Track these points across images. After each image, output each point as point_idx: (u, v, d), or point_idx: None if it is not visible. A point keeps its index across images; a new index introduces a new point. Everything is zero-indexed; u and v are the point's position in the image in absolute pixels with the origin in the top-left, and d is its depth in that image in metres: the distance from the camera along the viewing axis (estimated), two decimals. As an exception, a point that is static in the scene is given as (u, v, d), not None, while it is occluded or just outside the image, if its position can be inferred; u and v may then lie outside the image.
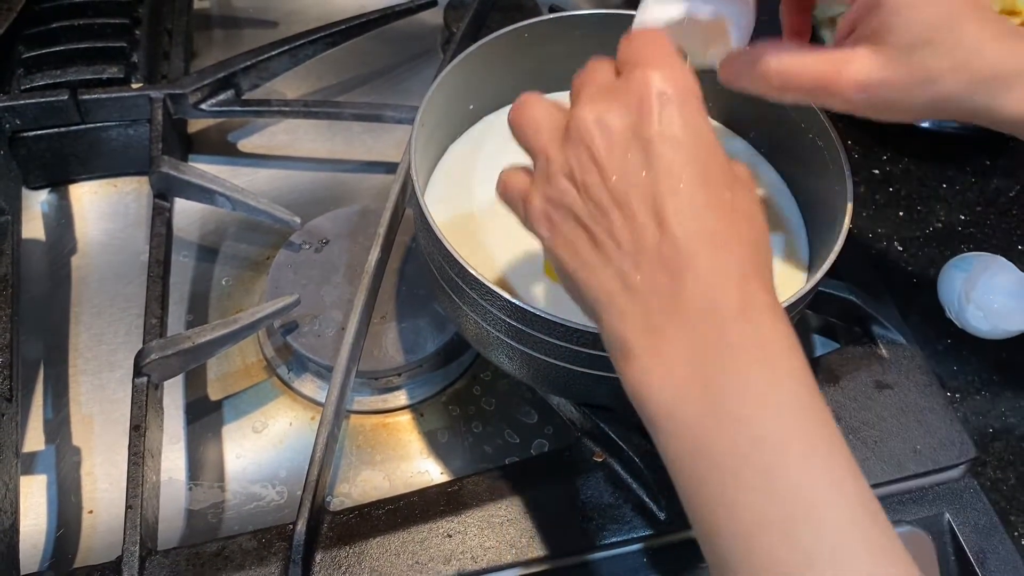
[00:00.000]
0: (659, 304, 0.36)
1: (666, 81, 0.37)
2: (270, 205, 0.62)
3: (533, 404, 0.59)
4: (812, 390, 0.35)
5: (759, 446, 0.33)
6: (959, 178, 0.71)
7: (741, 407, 0.34)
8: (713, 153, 0.37)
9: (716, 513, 0.34)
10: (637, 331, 0.36)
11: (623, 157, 0.37)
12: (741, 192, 0.37)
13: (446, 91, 0.54)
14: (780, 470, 0.33)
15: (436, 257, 0.49)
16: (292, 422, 0.58)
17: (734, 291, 0.35)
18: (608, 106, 0.38)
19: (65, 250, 0.67)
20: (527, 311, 0.44)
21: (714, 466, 0.34)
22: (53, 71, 0.67)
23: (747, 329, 0.35)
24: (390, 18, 0.75)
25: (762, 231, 0.38)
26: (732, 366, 0.34)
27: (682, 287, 0.35)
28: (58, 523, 0.54)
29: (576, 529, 0.50)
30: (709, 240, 0.36)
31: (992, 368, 0.60)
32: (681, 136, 0.36)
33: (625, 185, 0.37)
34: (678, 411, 0.35)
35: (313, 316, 0.59)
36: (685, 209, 0.36)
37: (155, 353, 0.53)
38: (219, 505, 0.55)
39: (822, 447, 0.34)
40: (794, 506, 0.32)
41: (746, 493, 0.33)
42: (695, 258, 0.35)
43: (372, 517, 0.51)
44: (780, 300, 0.46)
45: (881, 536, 0.32)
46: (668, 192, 0.36)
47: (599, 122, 0.37)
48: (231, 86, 0.70)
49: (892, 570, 0.32)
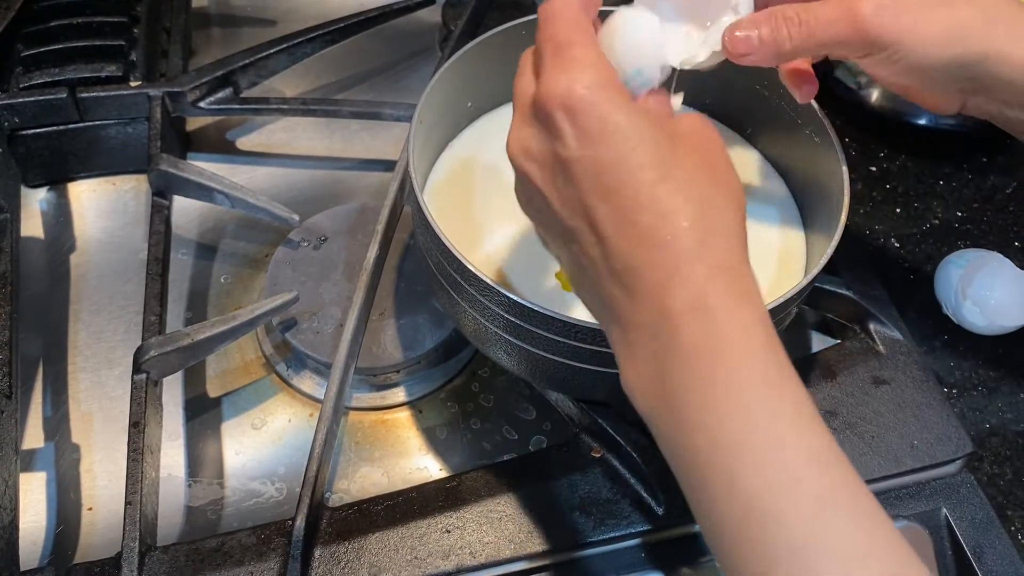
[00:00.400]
0: (625, 316, 0.35)
1: (567, 90, 0.35)
2: (269, 203, 0.62)
3: (531, 400, 0.59)
4: (771, 378, 0.34)
5: (716, 451, 0.33)
6: (956, 175, 0.71)
7: (696, 413, 0.33)
8: (636, 141, 0.35)
9: (696, 511, 0.34)
10: (619, 343, 0.37)
11: (553, 182, 0.37)
12: (680, 162, 0.35)
13: (444, 88, 0.54)
14: (737, 473, 0.32)
15: (434, 253, 0.49)
16: (291, 419, 0.59)
17: (680, 288, 0.34)
18: (527, 132, 0.37)
19: (64, 248, 0.67)
20: (525, 307, 0.45)
21: (686, 468, 0.34)
22: (52, 69, 0.67)
23: (697, 326, 0.34)
24: (388, 16, 0.75)
25: (712, 194, 0.36)
26: (686, 370, 0.34)
27: (634, 297, 0.35)
28: (57, 519, 0.54)
29: (574, 524, 0.50)
30: (644, 242, 0.34)
31: (989, 364, 0.61)
32: (595, 147, 0.35)
33: (566, 209, 0.36)
34: (651, 419, 0.35)
35: (312, 313, 0.59)
36: (616, 217, 0.35)
37: (154, 350, 0.53)
38: (218, 501, 0.55)
39: (779, 444, 0.32)
40: (752, 508, 0.32)
41: (711, 496, 0.33)
42: (638, 265, 0.34)
43: (371, 513, 0.51)
44: (779, 295, 0.46)
45: (849, 531, 0.31)
46: (596, 205, 0.35)
47: (524, 153, 0.37)
48: (229, 84, 0.70)
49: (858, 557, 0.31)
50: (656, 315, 0.34)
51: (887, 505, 0.52)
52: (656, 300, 0.34)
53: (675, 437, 0.34)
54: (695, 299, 0.34)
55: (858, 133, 0.74)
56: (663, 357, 0.34)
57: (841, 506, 0.32)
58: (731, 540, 0.32)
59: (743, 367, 0.33)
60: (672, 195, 0.35)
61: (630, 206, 0.35)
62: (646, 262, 0.34)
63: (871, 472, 0.53)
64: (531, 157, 0.37)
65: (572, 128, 0.35)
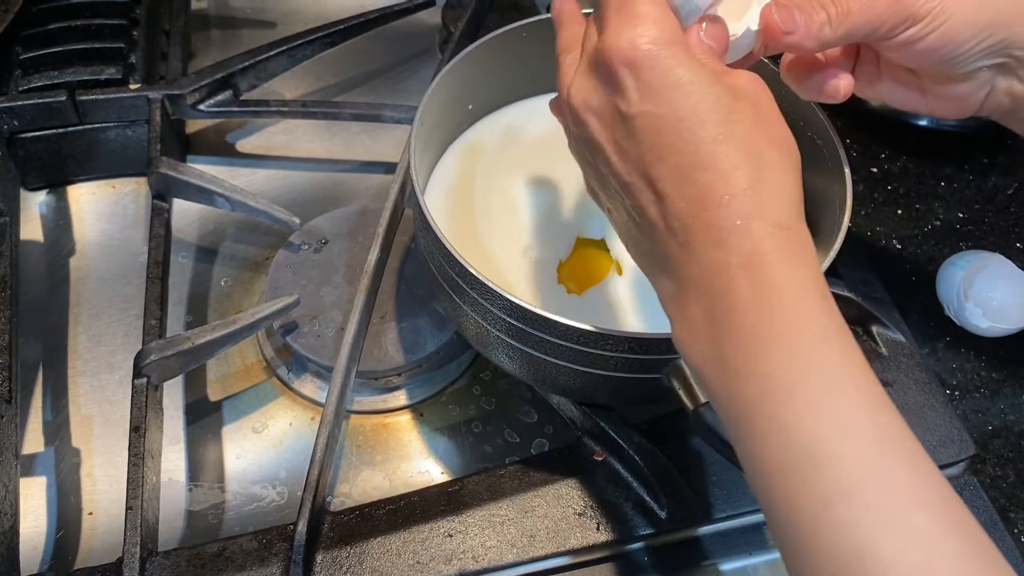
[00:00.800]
0: (680, 274, 0.36)
1: (631, 45, 0.36)
2: (269, 205, 0.62)
3: (533, 403, 0.59)
4: (826, 330, 0.34)
5: (768, 398, 0.33)
6: (957, 176, 0.71)
7: (749, 363, 0.34)
8: (698, 97, 0.35)
9: (747, 463, 0.34)
10: (671, 301, 0.37)
11: (613, 137, 0.37)
12: (740, 117, 0.36)
13: (445, 91, 0.54)
14: (789, 418, 0.32)
15: (436, 256, 0.49)
16: (292, 422, 0.58)
17: (736, 243, 0.34)
18: (588, 85, 0.37)
19: (64, 251, 0.66)
20: (527, 310, 0.44)
21: (738, 419, 0.34)
22: (51, 72, 0.67)
23: (752, 282, 0.34)
24: (388, 18, 0.75)
25: (770, 151, 0.36)
26: (740, 323, 0.34)
27: (691, 254, 0.35)
28: (58, 525, 0.54)
29: (577, 528, 0.50)
30: (702, 200, 0.35)
31: (991, 365, 0.61)
32: (657, 102, 0.35)
33: (623, 164, 0.37)
34: (704, 372, 0.36)
35: (312, 316, 0.59)
36: (676, 175, 0.35)
37: (154, 354, 0.53)
38: (219, 506, 0.55)
39: (832, 389, 0.33)
40: (805, 452, 0.32)
41: (763, 443, 0.33)
42: (695, 222, 0.35)
43: (373, 517, 0.51)
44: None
45: (900, 473, 0.32)
46: (655, 163, 0.36)
47: (585, 105, 0.38)
48: (229, 86, 0.70)
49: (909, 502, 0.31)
50: (712, 271, 0.35)
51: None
52: (712, 256, 0.35)
53: (727, 388, 0.34)
54: (751, 255, 0.34)
55: (859, 134, 0.74)
56: (717, 311, 0.35)
57: (894, 450, 0.32)
58: (785, 486, 0.32)
59: (799, 320, 0.34)
60: (731, 154, 0.35)
61: (689, 164, 0.35)
62: (704, 220, 0.35)
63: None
64: (592, 109, 0.37)
65: (634, 83, 0.36)
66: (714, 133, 0.35)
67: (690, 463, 0.52)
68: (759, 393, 0.33)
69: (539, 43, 0.58)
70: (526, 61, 0.58)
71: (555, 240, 0.55)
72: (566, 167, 0.58)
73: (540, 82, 0.61)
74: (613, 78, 0.36)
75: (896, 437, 0.33)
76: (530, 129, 0.60)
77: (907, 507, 0.31)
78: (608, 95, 0.37)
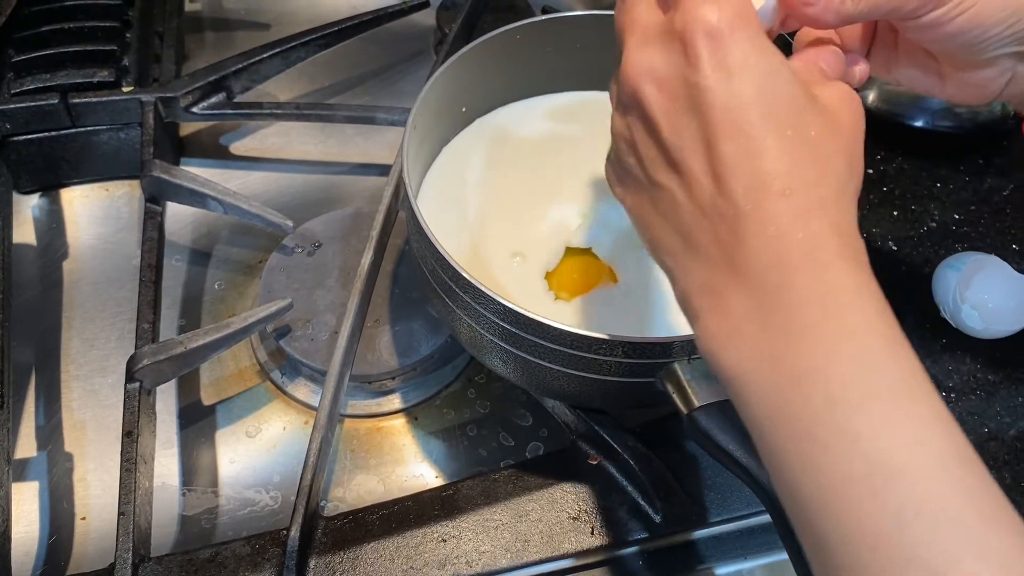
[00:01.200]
0: (721, 262, 0.34)
1: (713, 15, 0.34)
2: (262, 208, 0.62)
3: (528, 407, 0.59)
4: (889, 338, 0.32)
5: (833, 404, 0.31)
6: (953, 177, 0.71)
7: (811, 365, 0.32)
8: (774, 86, 0.34)
9: (798, 477, 0.32)
10: (701, 292, 0.35)
11: (673, 108, 0.35)
12: (813, 121, 0.34)
13: (438, 93, 0.54)
14: (858, 427, 0.30)
15: (429, 260, 0.48)
16: (286, 426, 0.58)
17: (797, 240, 0.33)
18: (653, 54, 0.35)
19: (56, 255, 0.66)
20: (520, 314, 0.44)
21: (790, 428, 0.32)
22: (43, 75, 0.66)
23: (812, 280, 0.32)
24: (382, 19, 0.75)
25: (836, 160, 0.34)
26: (799, 322, 0.32)
27: (741, 242, 0.33)
28: (51, 530, 0.54)
29: (571, 532, 0.50)
30: (766, 187, 0.33)
31: (987, 368, 0.60)
32: (733, 77, 0.33)
33: (677, 139, 0.35)
34: (747, 373, 0.33)
35: (306, 320, 0.59)
36: (738, 157, 0.33)
37: (147, 358, 0.53)
38: (213, 511, 0.55)
39: (903, 398, 0.31)
40: (876, 464, 0.30)
41: (824, 454, 0.31)
42: (753, 210, 0.33)
43: (366, 522, 0.50)
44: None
45: (976, 486, 0.30)
46: (720, 141, 0.33)
47: (647, 73, 0.35)
48: (223, 89, 0.70)
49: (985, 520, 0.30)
50: (767, 263, 0.33)
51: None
52: (768, 249, 0.33)
53: (780, 391, 0.32)
54: (810, 253, 0.33)
55: (855, 135, 0.73)
56: (770, 307, 0.33)
57: (968, 465, 0.31)
58: (850, 500, 0.30)
59: (867, 324, 0.32)
60: (800, 148, 0.34)
61: (756, 150, 0.33)
62: (763, 209, 0.33)
63: (869, 478, 0.52)
64: (655, 78, 0.35)
65: (713, 57, 0.34)
66: (786, 123, 0.34)
67: (685, 467, 0.52)
68: (824, 398, 0.31)
69: (533, 45, 0.58)
70: (520, 63, 0.58)
71: (550, 245, 0.55)
72: (561, 168, 0.58)
73: (534, 84, 0.61)
74: (689, 48, 0.34)
75: (968, 452, 0.31)
76: (525, 131, 0.60)
77: (985, 527, 0.29)
78: (679, 65, 0.34)
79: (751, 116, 0.33)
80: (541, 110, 0.61)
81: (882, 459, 0.30)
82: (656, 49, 0.35)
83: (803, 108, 0.34)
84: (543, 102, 0.62)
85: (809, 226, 0.33)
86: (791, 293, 0.32)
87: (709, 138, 0.34)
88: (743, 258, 0.33)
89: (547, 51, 0.58)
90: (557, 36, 0.58)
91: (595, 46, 0.58)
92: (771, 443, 0.33)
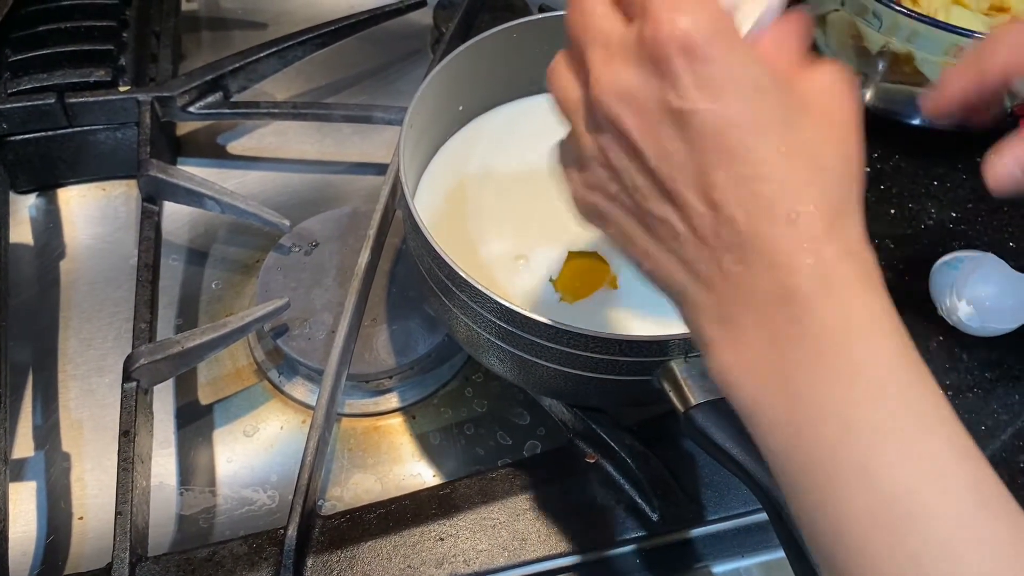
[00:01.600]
0: (730, 293, 0.32)
1: (685, 26, 0.31)
2: (259, 208, 0.62)
3: (525, 405, 0.59)
4: (908, 367, 0.31)
5: (850, 440, 0.30)
6: (950, 176, 0.71)
7: (826, 399, 0.30)
8: (762, 100, 0.31)
9: (815, 512, 0.31)
10: (712, 322, 0.33)
11: (656, 135, 0.32)
12: (805, 125, 0.32)
13: (435, 92, 0.54)
14: (875, 465, 0.29)
15: (426, 259, 0.48)
16: (283, 426, 0.58)
17: (806, 267, 0.31)
18: (625, 72, 0.32)
19: (54, 255, 0.66)
20: (517, 313, 0.44)
21: (807, 462, 0.31)
22: (40, 74, 0.66)
23: (826, 309, 0.31)
24: (379, 19, 0.75)
25: (836, 165, 0.32)
26: (813, 354, 0.31)
27: (749, 272, 0.32)
28: (48, 529, 0.54)
29: (569, 531, 0.50)
30: (767, 215, 0.31)
31: (984, 366, 0.60)
32: (719, 99, 0.31)
33: (666, 167, 0.32)
34: (762, 407, 0.32)
35: (303, 319, 0.59)
36: (733, 185, 0.31)
37: (144, 358, 0.53)
38: (210, 510, 0.55)
39: (922, 433, 0.30)
40: (894, 502, 0.29)
41: (841, 491, 0.30)
42: (756, 238, 0.31)
43: (364, 521, 0.50)
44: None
45: (997, 527, 0.29)
46: (712, 169, 0.31)
47: (622, 96, 0.33)
48: (219, 88, 0.69)
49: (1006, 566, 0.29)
50: (777, 294, 0.31)
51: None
52: (778, 279, 0.31)
53: (794, 426, 0.31)
54: (823, 281, 0.31)
55: (852, 134, 0.73)
56: (783, 339, 0.31)
57: (987, 501, 0.30)
58: (862, 538, 0.30)
59: (880, 353, 0.31)
60: (797, 163, 0.32)
61: (753, 174, 0.31)
62: (769, 238, 0.31)
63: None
64: (631, 102, 0.32)
65: (693, 76, 0.31)
66: (781, 142, 0.31)
67: (682, 465, 0.52)
68: (838, 435, 0.30)
69: (530, 43, 0.58)
70: (517, 62, 0.58)
71: (547, 244, 0.55)
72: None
73: (532, 83, 0.61)
74: (665, 67, 0.31)
75: (989, 486, 0.30)
76: (522, 130, 0.60)
77: (1006, 568, 0.29)
78: (656, 86, 0.32)
79: (743, 137, 0.31)
80: (538, 109, 0.61)
81: (900, 497, 0.29)
82: (627, 67, 0.33)
83: (794, 115, 0.32)
84: (540, 101, 0.62)
85: (820, 252, 0.31)
86: (806, 325, 0.31)
87: (701, 165, 0.32)
88: (752, 289, 0.32)
89: (544, 50, 0.58)
90: (554, 35, 0.57)
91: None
92: (788, 476, 0.32)
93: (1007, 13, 0.67)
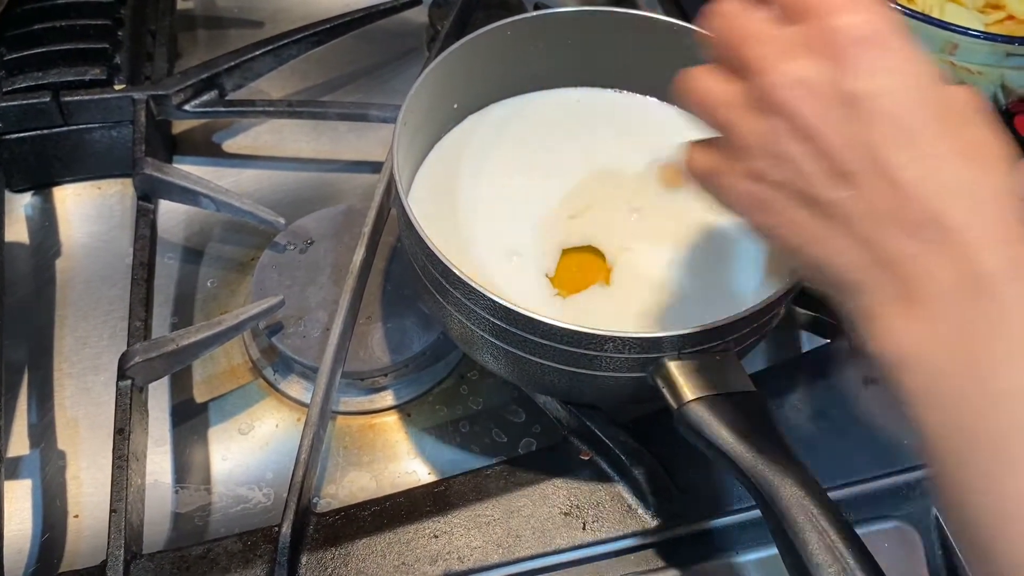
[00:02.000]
0: (915, 274, 0.32)
1: (861, 23, 0.33)
2: (254, 206, 0.62)
3: (520, 403, 0.59)
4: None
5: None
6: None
7: (1014, 384, 0.30)
8: (932, 93, 0.33)
9: (979, 495, 0.31)
10: (891, 301, 0.33)
11: (832, 117, 0.33)
12: (971, 126, 0.33)
13: (429, 89, 0.54)
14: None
15: (420, 257, 0.48)
16: (278, 424, 0.58)
17: (1000, 249, 0.31)
18: (798, 63, 0.34)
19: (49, 253, 0.66)
20: (511, 310, 0.44)
21: (979, 444, 0.31)
22: (35, 73, 0.66)
23: (1019, 293, 0.31)
24: (375, 16, 0.75)
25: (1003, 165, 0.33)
26: (1007, 335, 0.31)
27: (939, 253, 0.32)
28: (43, 527, 0.54)
29: (563, 528, 0.50)
30: (955, 194, 0.32)
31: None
32: (894, 83, 0.33)
33: (847, 150, 0.33)
34: (937, 384, 0.32)
35: (298, 317, 0.59)
36: (920, 165, 0.32)
37: (139, 356, 0.53)
38: (205, 508, 0.55)
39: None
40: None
41: (1010, 473, 0.30)
42: (945, 219, 0.32)
43: (358, 518, 0.50)
44: (768, 294, 0.46)
45: None
46: (897, 148, 0.32)
47: (801, 83, 0.34)
48: (215, 87, 0.69)
49: None
50: (968, 274, 0.31)
51: (877, 505, 0.52)
52: (969, 258, 0.32)
53: (972, 408, 0.31)
54: (1011, 265, 0.31)
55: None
56: (973, 321, 0.31)
57: None
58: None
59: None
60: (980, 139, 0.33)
61: (934, 154, 0.32)
62: (957, 217, 0.32)
63: (861, 472, 0.52)
64: (805, 86, 0.34)
65: (867, 62, 0.33)
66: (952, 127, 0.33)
67: (677, 462, 0.52)
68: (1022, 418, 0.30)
69: (525, 41, 0.58)
70: (512, 59, 0.58)
71: (541, 241, 0.55)
72: (554, 164, 0.58)
73: (526, 80, 0.61)
74: (840, 54, 0.33)
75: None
76: (517, 128, 0.60)
77: None
78: (830, 73, 0.33)
79: (925, 118, 0.32)
80: (533, 107, 0.61)
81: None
82: (798, 58, 0.34)
83: (958, 116, 0.33)
84: (535, 99, 0.62)
85: (1010, 234, 0.32)
86: (1002, 309, 0.31)
87: (880, 146, 0.33)
88: (941, 270, 0.32)
89: (539, 47, 0.58)
90: (549, 32, 0.58)
91: (587, 43, 0.58)
92: (953, 458, 0.32)
93: (1002, 10, 0.68)
